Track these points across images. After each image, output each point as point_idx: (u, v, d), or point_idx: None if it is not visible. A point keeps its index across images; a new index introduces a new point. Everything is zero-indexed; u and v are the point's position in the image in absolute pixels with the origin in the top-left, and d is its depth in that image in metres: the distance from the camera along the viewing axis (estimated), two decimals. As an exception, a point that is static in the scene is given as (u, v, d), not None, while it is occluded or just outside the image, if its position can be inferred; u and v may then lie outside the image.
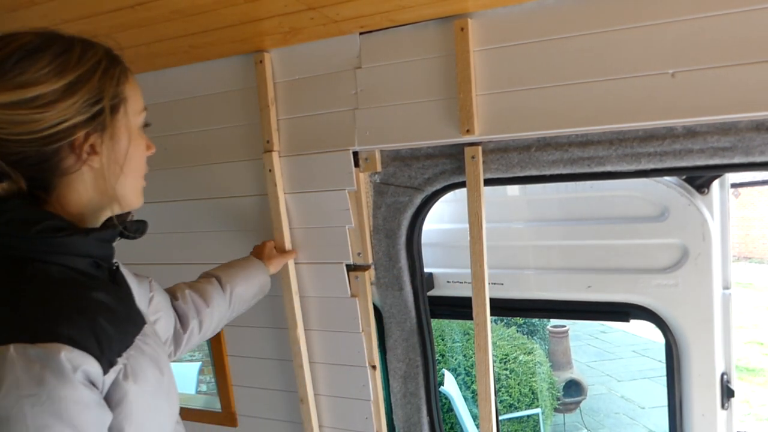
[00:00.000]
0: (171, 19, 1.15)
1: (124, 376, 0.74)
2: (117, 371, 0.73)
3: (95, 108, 0.74)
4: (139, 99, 0.83)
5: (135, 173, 0.84)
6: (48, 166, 0.74)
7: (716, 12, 1.05)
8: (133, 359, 0.76)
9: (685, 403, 1.57)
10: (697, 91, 1.08)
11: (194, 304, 1.23)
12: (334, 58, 1.41)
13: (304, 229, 1.55)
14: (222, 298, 1.28)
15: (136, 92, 0.83)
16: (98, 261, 0.80)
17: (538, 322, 6.77)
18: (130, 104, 0.81)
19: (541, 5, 1.18)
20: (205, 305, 1.24)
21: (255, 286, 1.38)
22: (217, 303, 1.27)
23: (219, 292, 1.28)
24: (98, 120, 0.75)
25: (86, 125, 0.74)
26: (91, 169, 0.77)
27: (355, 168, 1.44)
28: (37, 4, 1.03)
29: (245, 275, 1.36)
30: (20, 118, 0.69)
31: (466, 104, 1.26)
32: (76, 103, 0.72)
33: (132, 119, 0.81)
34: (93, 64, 0.75)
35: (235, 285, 1.32)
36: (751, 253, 12.69)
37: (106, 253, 0.82)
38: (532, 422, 4.80)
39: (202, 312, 1.23)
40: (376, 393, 1.58)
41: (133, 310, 0.87)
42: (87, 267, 0.78)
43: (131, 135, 0.81)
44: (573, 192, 1.68)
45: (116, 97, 0.78)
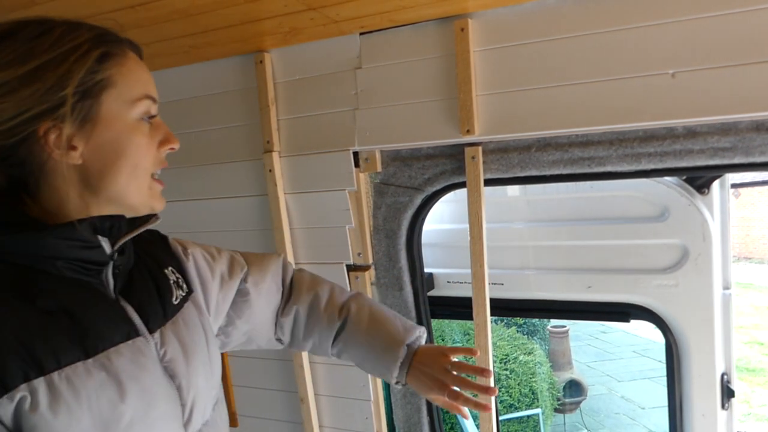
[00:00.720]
0: (171, 19, 1.15)
1: (31, 406, 0.60)
2: (16, 399, 0.60)
3: (57, 96, 0.64)
4: (135, 85, 0.72)
5: (133, 170, 0.72)
6: (16, 161, 0.66)
7: (716, 12, 1.05)
8: (68, 383, 0.63)
9: (685, 404, 1.57)
10: (697, 91, 1.08)
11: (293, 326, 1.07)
12: (334, 58, 1.41)
13: (304, 229, 1.55)
14: (325, 346, 1.06)
15: (132, 78, 0.72)
16: (76, 264, 0.69)
17: (538, 322, 6.77)
18: (121, 91, 0.70)
19: (541, 5, 1.18)
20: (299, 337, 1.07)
21: (368, 370, 1.06)
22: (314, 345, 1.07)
23: (327, 339, 1.05)
24: (62, 110, 0.65)
25: (47, 116, 0.64)
26: (72, 165, 0.68)
27: (355, 168, 1.45)
28: (37, 4, 1.03)
29: (366, 354, 1.03)
30: None
31: (466, 104, 1.26)
32: (37, 92, 0.64)
33: (124, 108, 0.70)
34: (69, 49, 0.66)
35: (348, 348, 1.04)
36: (751, 254, 12.69)
37: (82, 256, 0.69)
38: (532, 422, 4.80)
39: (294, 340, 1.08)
40: (376, 393, 1.58)
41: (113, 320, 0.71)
42: (62, 269, 0.68)
43: (122, 126, 0.70)
44: (573, 192, 1.68)
45: (92, 83, 0.67)
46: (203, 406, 0.82)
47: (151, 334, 0.75)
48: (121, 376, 0.68)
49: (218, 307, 0.97)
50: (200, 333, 0.86)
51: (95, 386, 0.65)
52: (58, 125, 0.65)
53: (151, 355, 0.74)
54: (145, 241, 0.88)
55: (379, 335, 1.03)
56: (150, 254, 0.87)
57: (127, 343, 0.71)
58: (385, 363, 1.00)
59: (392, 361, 1.00)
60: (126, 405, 0.67)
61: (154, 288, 0.81)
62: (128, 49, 0.73)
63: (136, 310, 0.75)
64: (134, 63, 0.73)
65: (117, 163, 0.70)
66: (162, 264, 0.87)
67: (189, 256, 0.94)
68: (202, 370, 0.82)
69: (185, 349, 0.80)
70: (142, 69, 0.74)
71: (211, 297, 0.95)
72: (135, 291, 0.77)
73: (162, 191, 0.78)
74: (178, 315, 0.83)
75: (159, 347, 0.76)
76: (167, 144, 0.76)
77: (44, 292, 0.66)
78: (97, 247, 0.71)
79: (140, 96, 0.72)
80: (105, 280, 0.73)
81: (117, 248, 0.74)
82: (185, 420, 0.78)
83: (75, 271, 0.69)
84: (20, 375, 0.60)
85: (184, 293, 0.88)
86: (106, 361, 0.67)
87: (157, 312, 0.78)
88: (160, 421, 0.72)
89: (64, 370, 0.63)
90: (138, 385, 0.70)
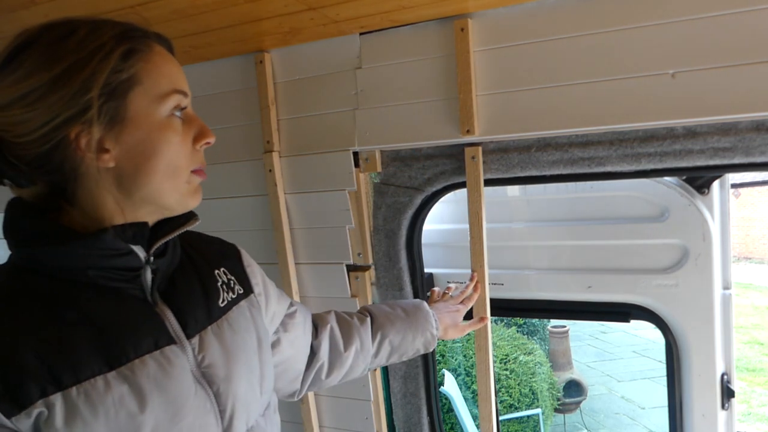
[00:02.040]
0: (171, 19, 1.14)
1: (47, 422, 0.60)
2: (33, 415, 0.59)
3: (84, 99, 0.63)
4: (163, 81, 0.69)
5: (167, 168, 0.69)
6: (52, 168, 0.66)
7: (716, 12, 1.05)
8: (86, 397, 0.62)
9: (685, 404, 1.57)
10: (697, 91, 1.08)
11: (331, 344, 1.07)
12: (335, 58, 1.41)
13: (305, 229, 1.55)
14: (368, 345, 1.11)
15: (159, 73, 0.69)
16: (109, 272, 0.68)
17: (539, 322, 6.77)
18: (148, 88, 0.68)
19: (541, 5, 1.18)
20: (342, 348, 1.07)
21: (411, 347, 1.17)
22: (357, 349, 1.09)
23: (367, 338, 1.11)
24: (89, 113, 0.64)
25: (76, 120, 0.64)
26: (105, 168, 0.67)
27: (355, 168, 1.44)
28: (37, 4, 1.03)
29: (406, 328, 1.14)
30: (15, 119, 0.63)
31: (466, 104, 1.26)
32: (64, 97, 0.63)
33: (152, 106, 0.68)
34: (93, 49, 0.64)
35: (387, 335, 1.13)
36: (751, 254, 12.69)
37: (113, 264, 0.68)
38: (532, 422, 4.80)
39: (336, 355, 1.07)
40: (376, 393, 1.58)
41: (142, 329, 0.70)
42: (94, 278, 0.67)
43: (152, 125, 0.68)
44: (573, 192, 1.68)
45: (117, 83, 0.65)
46: (246, 412, 0.79)
47: (189, 339, 0.73)
48: (144, 388, 0.66)
49: (272, 321, 0.97)
50: (250, 336, 0.83)
51: (114, 400, 0.63)
52: (87, 129, 0.64)
53: (181, 364, 0.71)
54: (203, 242, 0.87)
55: (405, 311, 1.18)
56: (201, 253, 0.85)
57: (154, 353, 0.69)
58: (422, 321, 1.17)
59: (426, 315, 1.18)
60: (146, 416, 0.65)
61: (200, 289, 0.79)
62: (155, 43, 0.71)
63: (175, 314, 0.73)
64: (160, 57, 0.70)
65: (150, 162, 0.68)
66: (213, 264, 0.85)
67: (253, 265, 0.95)
68: (245, 375, 0.79)
69: (227, 353, 0.77)
70: (169, 63, 0.71)
71: (270, 306, 0.95)
72: (176, 294, 0.75)
73: (199, 185, 0.75)
74: (224, 318, 0.80)
75: (197, 352, 0.74)
76: (202, 138, 0.73)
77: (72, 304, 0.65)
78: (128, 253, 0.70)
79: (168, 91, 0.69)
80: (143, 284, 0.72)
81: (153, 251, 0.73)
82: (224, 427, 0.76)
83: (109, 279, 0.68)
84: (37, 391, 0.60)
85: (235, 295, 0.85)
86: (129, 373, 0.65)
87: (198, 315, 0.76)
88: (188, 431, 0.70)
89: (83, 385, 0.62)
90: (163, 396, 0.68)
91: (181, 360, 0.72)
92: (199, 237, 0.84)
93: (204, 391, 0.74)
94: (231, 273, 0.87)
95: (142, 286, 0.72)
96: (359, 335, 1.10)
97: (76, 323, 0.64)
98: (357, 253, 1.52)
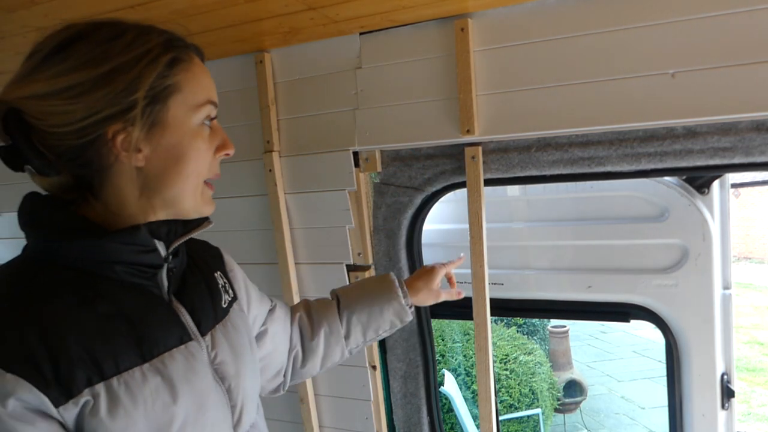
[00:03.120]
0: (171, 19, 1.14)
1: (92, 411, 0.61)
2: (80, 404, 0.61)
3: (128, 99, 0.66)
4: (200, 91, 0.73)
5: (191, 175, 0.73)
6: (84, 162, 0.68)
7: (716, 12, 1.05)
8: (126, 387, 0.64)
9: (685, 404, 1.57)
10: (697, 91, 1.08)
11: (301, 332, 1.08)
12: (335, 58, 1.41)
13: (305, 229, 1.55)
14: (336, 326, 1.10)
15: (197, 83, 0.73)
16: (134, 267, 0.70)
17: (539, 322, 6.77)
18: (186, 96, 0.71)
19: (541, 5, 1.18)
20: (310, 336, 1.08)
21: (383, 320, 1.13)
22: (326, 333, 1.09)
23: (334, 320, 1.10)
24: (132, 113, 0.66)
25: (117, 118, 0.66)
26: (136, 168, 0.69)
27: (355, 168, 1.44)
28: (37, 4, 1.03)
29: (370, 301, 1.12)
30: (54, 109, 0.64)
31: (466, 104, 1.26)
32: (108, 95, 0.65)
33: (188, 113, 0.72)
34: (140, 53, 0.67)
35: (353, 312, 1.11)
36: (751, 253, 12.69)
37: (140, 260, 0.70)
38: (532, 422, 4.80)
39: (306, 343, 1.08)
40: (376, 393, 1.58)
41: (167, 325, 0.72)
42: (120, 274, 0.69)
43: (185, 131, 0.72)
44: (573, 192, 1.68)
45: (161, 88, 0.68)
46: (251, 408, 0.83)
47: (202, 336, 0.76)
48: (175, 380, 0.69)
49: (254, 322, 0.99)
50: (246, 337, 0.87)
51: (150, 391, 0.66)
52: (127, 128, 0.67)
53: (203, 359, 0.75)
54: (197, 244, 0.90)
55: (369, 284, 1.16)
56: (201, 257, 0.88)
57: (180, 347, 0.72)
58: (387, 296, 1.12)
59: (391, 284, 1.14)
60: (178, 407, 0.68)
61: (207, 290, 0.83)
62: (194, 54, 0.75)
63: (189, 313, 0.76)
64: (199, 69, 0.74)
65: (177, 167, 0.71)
66: (212, 267, 0.89)
67: (234, 268, 0.97)
68: (249, 373, 0.83)
69: (234, 351, 0.81)
70: (205, 74, 0.76)
71: (251, 309, 0.97)
72: (188, 293, 0.78)
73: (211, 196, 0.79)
74: (227, 318, 0.84)
75: (210, 350, 0.77)
76: (223, 149, 0.79)
77: (104, 297, 0.67)
78: (153, 250, 0.72)
79: (204, 101, 0.74)
80: (160, 282, 0.74)
81: (171, 251, 0.75)
82: (235, 422, 0.79)
83: (132, 275, 0.70)
84: (84, 380, 0.61)
85: (231, 297, 0.89)
86: (161, 365, 0.68)
87: (208, 314, 0.79)
88: (211, 423, 0.73)
89: (123, 376, 0.64)
90: (190, 388, 0.71)
91: (202, 356, 0.75)
92: (192, 240, 0.86)
93: (219, 386, 0.77)
94: (224, 277, 0.91)
95: (159, 284, 0.74)
96: (326, 318, 1.10)
97: (111, 316, 0.66)
98: (357, 253, 1.52)
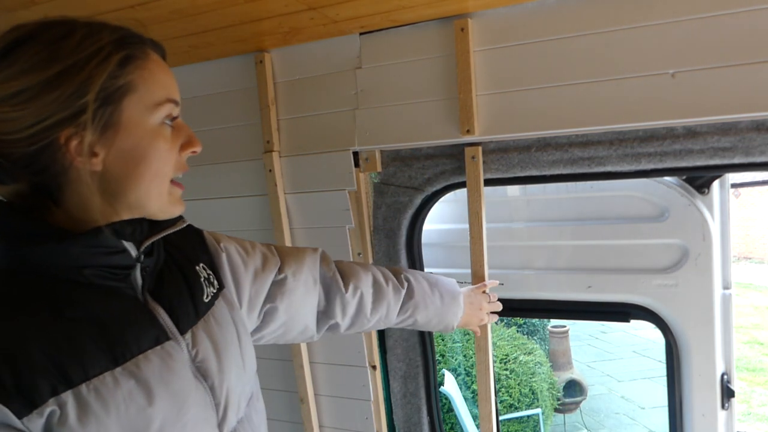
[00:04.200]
0: (171, 19, 1.15)
1: (60, 419, 0.60)
2: (45, 414, 0.59)
3: (78, 103, 0.63)
4: (157, 89, 0.70)
5: (154, 176, 0.70)
6: (39, 168, 0.65)
7: (716, 12, 1.05)
8: (97, 394, 0.62)
9: (685, 404, 1.57)
10: (697, 91, 1.08)
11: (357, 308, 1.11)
12: (334, 58, 1.41)
13: (305, 229, 1.55)
14: (392, 316, 1.15)
15: (154, 81, 0.69)
16: (103, 270, 0.68)
17: (538, 322, 6.77)
18: (142, 95, 0.68)
19: (541, 5, 1.18)
20: (368, 315, 1.11)
21: (430, 327, 1.24)
22: (381, 317, 1.13)
23: (395, 309, 1.15)
24: (83, 117, 0.63)
25: (69, 123, 0.63)
26: (94, 172, 0.67)
27: (355, 168, 1.44)
28: (37, 4, 1.03)
29: (435, 313, 1.20)
30: (3, 117, 0.61)
31: (466, 104, 1.26)
32: (58, 99, 0.62)
33: (145, 113, 0.68)
34: (90, 53, 0.64)
35: (416, 314, 1.18)
36: (751, 253, 12.69)
37: (107, 262, 0.68)
38: (532, 422, 4.80)
39: (358, 317, 1.11)
40: (376, 393, 1.58)
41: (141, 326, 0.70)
42: (89, 277, 0.67)
43: (143, 132, 0.68)
44: (573, 192, 1.67)
45: (113, 89, 0.65)
46: (237, 404, 0.82)
47: (182, 335, 0.75)
48: (151, 383, 0.67)
49: (251, 301, 0.97)
50: (231, 329, 0.85)
51: (123, 395, 0.64)
52: (80, 132, 0.64)
53: (181, 358, 0.73)
54: (177, 236, 0.86)
55: (441, 296, 1.21)
56: (181, 250, 0.86)
57: (156, 348, 0.70)
58: (452, 313, 1.21)
59: (458, 309, 1.22)
60: (154, 410, 0.66)
61: (186, 286, 0.80)
62: (150, 50, 0.71)
63: (167, 311, 0.74)
64: (156, 65, 0.71)
65: (137, 169, 0.68)
66: (193, 260, 0.86)
67: (222, 250, 0.94)
68: (234, 368, 0.81)
69: (217, 347, 0.79)
70: (163, 71, 0.72)
71: (243, 291, 0.95)
72: (165, 291, 0.76)
73: (181, 195, 0.76)
74: (209, 313, 0.82)
75: (190, 347, 0.75)
76: (189, 147, 0.74)
77: (72, 302, 0.65)
78: (122, 251, 0.70)
79: (161, 100, 0.70)
80: (133, 282, 0.72)
81: (143, 250, 0.73)
82: (219, 419, 0.78)
83: (102, 278, 0.68)
84: (48, 390, 0.60)
85: (215, 290, 0.86)
86: (135, 368, 0.66)
87: (188, 311, 0.78)
88: (192, 423, 0.71)
89: (92, 382, 0.62)
90: (168, 390, 0.69)
91: (180, 355, 0.73)
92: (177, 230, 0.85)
93: (201, 384, 0.75)
94: (209, 267, 0.88)
95: (133, 284, 0.72)
96: (388, 305, 1.13)
97: (79, 321, 0.64)
98: (357, 253, 1.52)
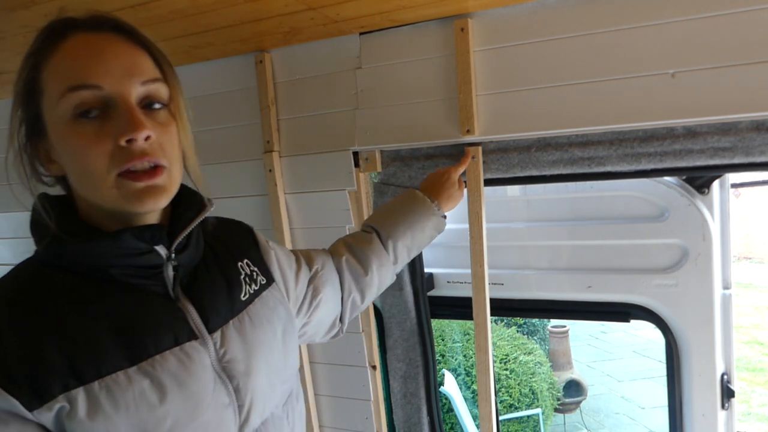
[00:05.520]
0: (171, 19, 1.14)
1: (69, 414, 0.61)
2: (54, 409, 0.60)
3: (18, 117, 0.67)
4: (60, 81, 0.63)
5: (90, 175, 0.64)
6: (43, 178, 0.71)
7: (716, 12, 1.05)
8: (108, 392, 0.62)
9: (685, 403, 1.57)
10: (697, 91, 1.08)
11: (352, 274, 1.10)
12: (334, 58, 1.41)
13: (305, 229, 1.55)
14: (385, 257, 1.13)
15: (57, 74, 0.63)
16: (130, 269, 0.69)
17: (538, 322, 6.77)
18: (50, 95, 0.64)
19: (541, 5, 1.18)
20: (363, 273, 1.10)
21: (425, 236, 1.19)
22: (377, 265, 1.12)
23: (380, 251, 1.13)
24: (22, 129, 0.67)
25: (28, 138, 0.68)
26: (62, 178, 0.71)
27: (355, 168, 1.44)
28: (37, 3, 1.03)
29: (410, 223, 1.16)
30: None
31: (466, 104, 1.26)
32: (17, 114, 0.67)
33: (54, 113, 0.64)
34: (25, 62, 0.66)
35: (397, 238, 1.15)
36: (752, 253, 12.68)
37: (134, 263, 0.68)
38: (532, 422, 4.80)
39: (361, 282, 1.10)
40: (376, 393, 1.58)
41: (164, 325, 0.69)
42: (118, 275, 0.68)
43: (62, 133, 0.64)
44: (573, 192, 1.68)
45: (32, 96, 0.65)
46: (262, 406, 0.79)
47: (210, 334, 0.73)
48: (165, 383, 0.66)
49: (297, 299, 0.98)
50: (271, 329, 0.83)
51: (135, 395, 0.64)
52: (36, 142, 0.68)
53: (202, 360, 0.71)
54: (224, 231, 0.86)
55: (401, 207, 1.20)
56: (225, 245, 0.84)
57: (174, 349, 0.69)
58: (424, 214, 1.19)
59: (425, 206, 1.20)
60: (166, 410, 0.66)
61: (223, 283, 0.79)
62: (71, 35, 0.64)
63: (198, 309, 0.73)
64: (62, 54, 0.64)
65: (76, 170, 0.67)
66: (236, 256, 0.85)
67: (271, 248, 0.94)
68: (264, 370, 0.79)
69: (248, 347, 0.77)
70: (71, 56, 0.63)
71: (290, 289, 0.95)
72: (199, 288, 0.75)
73: (146, 188, 0.66)
74: (245, 312, 0.80)
75: (218, 347, 0.74)
76: (122, 137, 0.63)
77: (98, 300, 0.66)
78: (149, 252, 0.69)
79: (62, 92, 0.62)
80: (165, 279, 0.72)
81: (175, 247, 0.73)
82: (241, 421, 0.76)
83: (131, 276, 0.69)
84: (59, 386, 0.60)
85: (258, 286, 0.85)
86: (150, 368, 0.66)
87: (220, 310, 0.76)
88: (206, 425, 0.70)
89: (105, 380, 0.62)
90: (183, 391, 0.68)
91: (202, 356, 0.72)
92: (223, 225, 0.84)
93: (224, 385, 0.73)
94: (254, 264, 0.87)
95: (164, 282, 0.72)
96: (373, 252, 1.13)
97: (98, 319, 0.65)
98: (357, 253, 1.52)
